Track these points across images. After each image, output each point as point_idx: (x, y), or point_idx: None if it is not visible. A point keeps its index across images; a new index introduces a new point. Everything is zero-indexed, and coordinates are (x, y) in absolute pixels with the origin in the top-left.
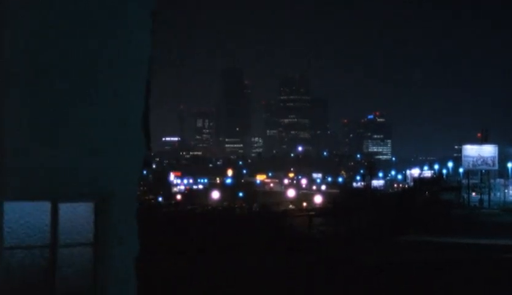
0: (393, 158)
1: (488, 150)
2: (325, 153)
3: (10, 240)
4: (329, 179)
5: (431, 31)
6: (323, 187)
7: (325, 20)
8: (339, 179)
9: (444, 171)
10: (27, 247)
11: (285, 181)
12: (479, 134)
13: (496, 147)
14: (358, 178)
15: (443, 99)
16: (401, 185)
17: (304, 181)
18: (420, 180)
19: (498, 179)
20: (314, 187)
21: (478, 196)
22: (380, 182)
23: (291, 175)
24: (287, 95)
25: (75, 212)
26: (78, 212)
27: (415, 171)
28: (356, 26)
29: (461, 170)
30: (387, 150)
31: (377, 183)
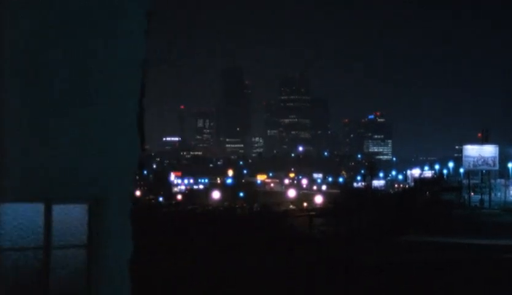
0: (394, 159)
1: (488, 151)
2: (325, 153)
3: (3, 242)
4: (330, 179)
5: (431, 31)
6: (324, 187)
7: (325, 20)
8: (340, 179)
9: (444, 171)
10: (20, 249)
11: (286, 181)
12: (480, 134)
13: (497, 148)
14: (359, 178)
15: (443, 99)
16: (401, 185)
17: (304, 181)
18: (420, 181)
19: (498, 179)
20: (315, 187)
21: (479, 197)
22: (381, 182)
23: (291, 175)
24: (287, 95)
25: (69, 213)
26: (71, 214)
27: (415, 171)
28: (356, 26)
29: (461, 170)
30: (388, 150)
31: (377, 183)
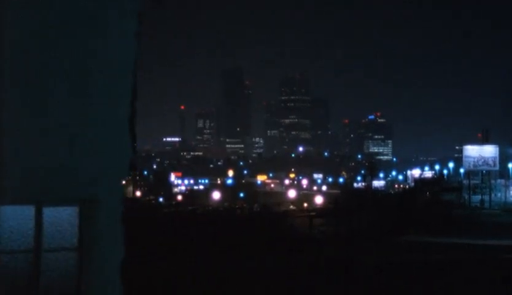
0: (394, 159)
1: (489, 151)
2: (325, 153)
3: None
4: (330, 179)
5: (431, 31)
6: (324, 187)
7: (325, 20)
8: (340, 180)
9: (444, 171)
10: (10, 252)
11: (286, 182)
12: (480, 135)
13: (497, 148)
14: (359, 179)
15: (443, 99)
16: (402, 185)
17: (304, 182)
18: (421, 181)
19: (499, 180)
20: (315, 188)
21: (479, 197)
22: (381, 182)
23: (292, 175)
24: (287, 95)
25: (60, 216)
26: (62, 217)
27: (416, 172)
28: (356, 26)
29: (462, 170)
30: (388, 150)
31: (378, 183)
